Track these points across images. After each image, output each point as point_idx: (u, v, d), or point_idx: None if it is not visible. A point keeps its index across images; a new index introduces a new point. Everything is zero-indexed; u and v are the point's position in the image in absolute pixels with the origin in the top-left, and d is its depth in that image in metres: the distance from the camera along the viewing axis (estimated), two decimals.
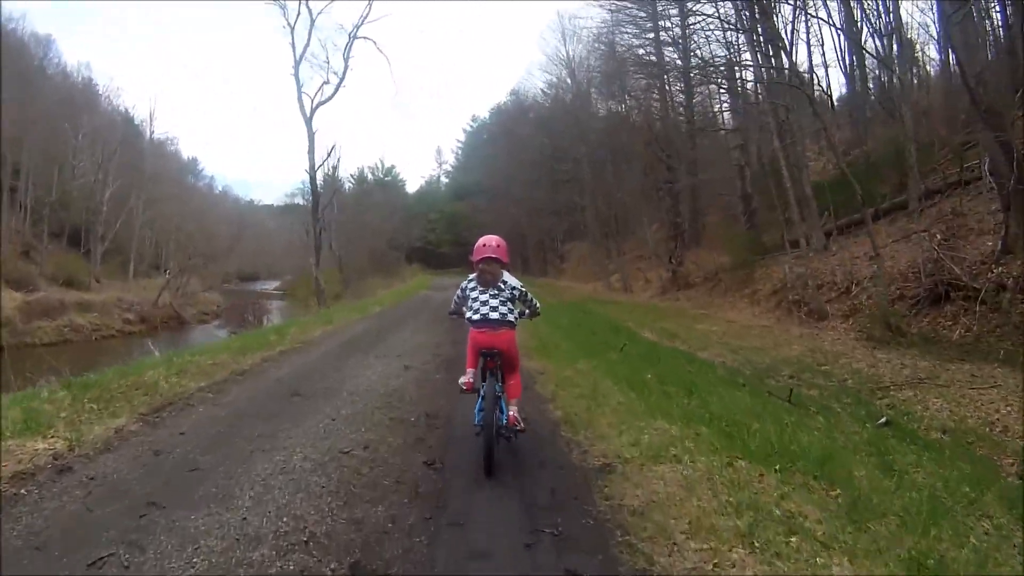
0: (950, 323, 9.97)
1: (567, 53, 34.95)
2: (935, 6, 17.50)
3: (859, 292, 13.01)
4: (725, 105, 28.71)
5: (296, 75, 17.36)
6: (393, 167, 65.19)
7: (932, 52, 21.87)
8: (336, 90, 18.45)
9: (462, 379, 3.97)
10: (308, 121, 17.05)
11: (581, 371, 6.90)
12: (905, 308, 11.31)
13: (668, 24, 26.12)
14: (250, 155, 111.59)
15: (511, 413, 3.85)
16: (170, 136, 73.79)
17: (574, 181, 33.52)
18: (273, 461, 3.70)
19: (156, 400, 5.01)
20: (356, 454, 3.92)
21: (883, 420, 6.24)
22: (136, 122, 42.65)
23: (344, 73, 18.46)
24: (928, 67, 22.13)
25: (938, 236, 11.75)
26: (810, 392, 7.45)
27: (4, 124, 25.81)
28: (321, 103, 17.88)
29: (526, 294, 4.01)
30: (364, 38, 19.00)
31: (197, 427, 4.42)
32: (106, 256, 34.46)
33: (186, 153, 73.15)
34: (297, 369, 7.04)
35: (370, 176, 63.17)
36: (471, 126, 64.69)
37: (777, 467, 3.57)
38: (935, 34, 19.35)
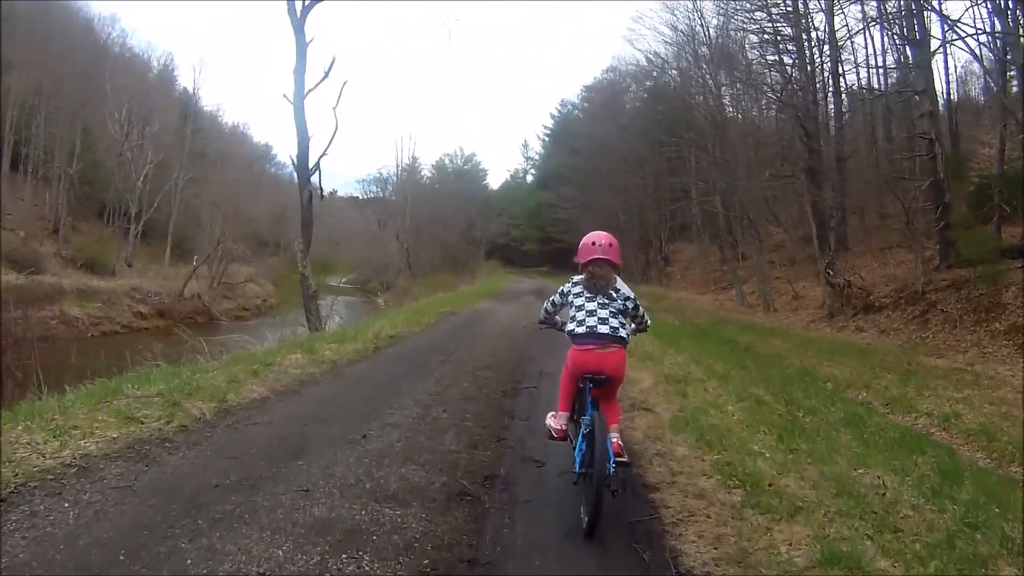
0: None
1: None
2: None
3: None
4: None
5: None
6: (473, 155, 59.92)
7: None
8: None
9: (551, 421, 3.17)
10: (298, 27, 11.04)
11: None
12: None
13: None
14: (346, 148, 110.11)
15: (614, 441, 2.94)
16: (241, 122, 73.17)
17: (692, 160, 25.77)
18: None
19: None
20: None
21: None
22: (195, 100, 39.97)
23: None
24: None
25: None
26: None
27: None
28: (317, 0, 11.76)
29: (638, 307, 3.22)
30: None
31: None
32: (151, 239, 31.21)
33: (259, 139, 71.85)
34: None
35: (448, 165, 58.43)
36: (559, 111, 57.64)
37: None
38: None
